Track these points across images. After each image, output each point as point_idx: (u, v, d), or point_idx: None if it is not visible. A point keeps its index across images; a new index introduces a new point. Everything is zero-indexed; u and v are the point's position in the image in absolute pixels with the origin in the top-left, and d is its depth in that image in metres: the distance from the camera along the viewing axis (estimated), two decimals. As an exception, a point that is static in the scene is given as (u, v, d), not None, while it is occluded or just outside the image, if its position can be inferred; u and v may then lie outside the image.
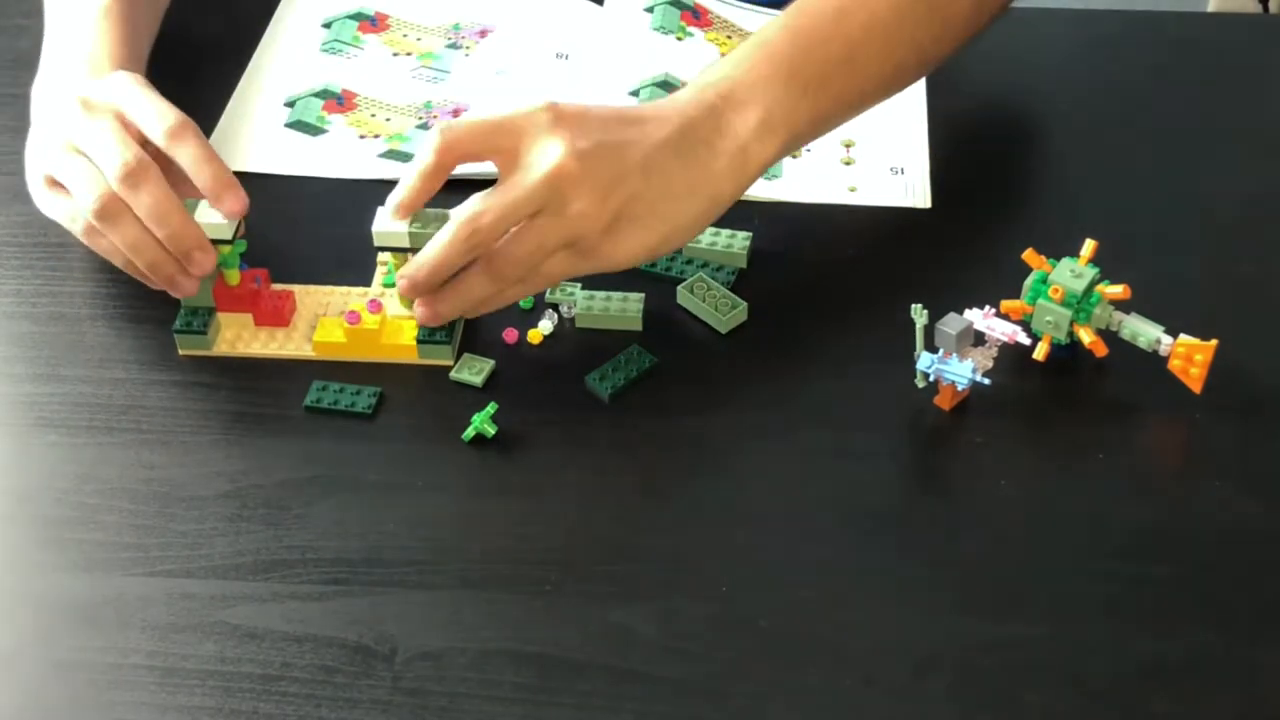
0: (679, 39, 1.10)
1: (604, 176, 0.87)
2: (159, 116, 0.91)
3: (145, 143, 0.91)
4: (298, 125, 1.09)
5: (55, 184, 0.93)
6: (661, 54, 1.11)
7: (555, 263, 0.89)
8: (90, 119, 0.91)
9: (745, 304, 0.94)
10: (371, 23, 1.17)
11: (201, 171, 0.90)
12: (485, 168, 0.99)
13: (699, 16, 1.12)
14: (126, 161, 0.89)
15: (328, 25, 1.17)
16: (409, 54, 1.14)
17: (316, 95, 1.11)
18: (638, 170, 0.88)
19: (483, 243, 0.87)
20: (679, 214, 0.90)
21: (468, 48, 1.14)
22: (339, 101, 1.10)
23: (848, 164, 1.04)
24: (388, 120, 1.09)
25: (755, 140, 0.92)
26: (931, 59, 1.00)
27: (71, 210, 0.92)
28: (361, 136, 1.08)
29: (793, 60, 0.93)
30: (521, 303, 0.94)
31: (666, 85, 1.09)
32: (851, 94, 0.96)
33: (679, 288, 0.95)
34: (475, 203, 0.88)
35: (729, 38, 1.11)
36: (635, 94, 1.09)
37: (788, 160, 1.04)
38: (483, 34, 1.15)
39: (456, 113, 1.09)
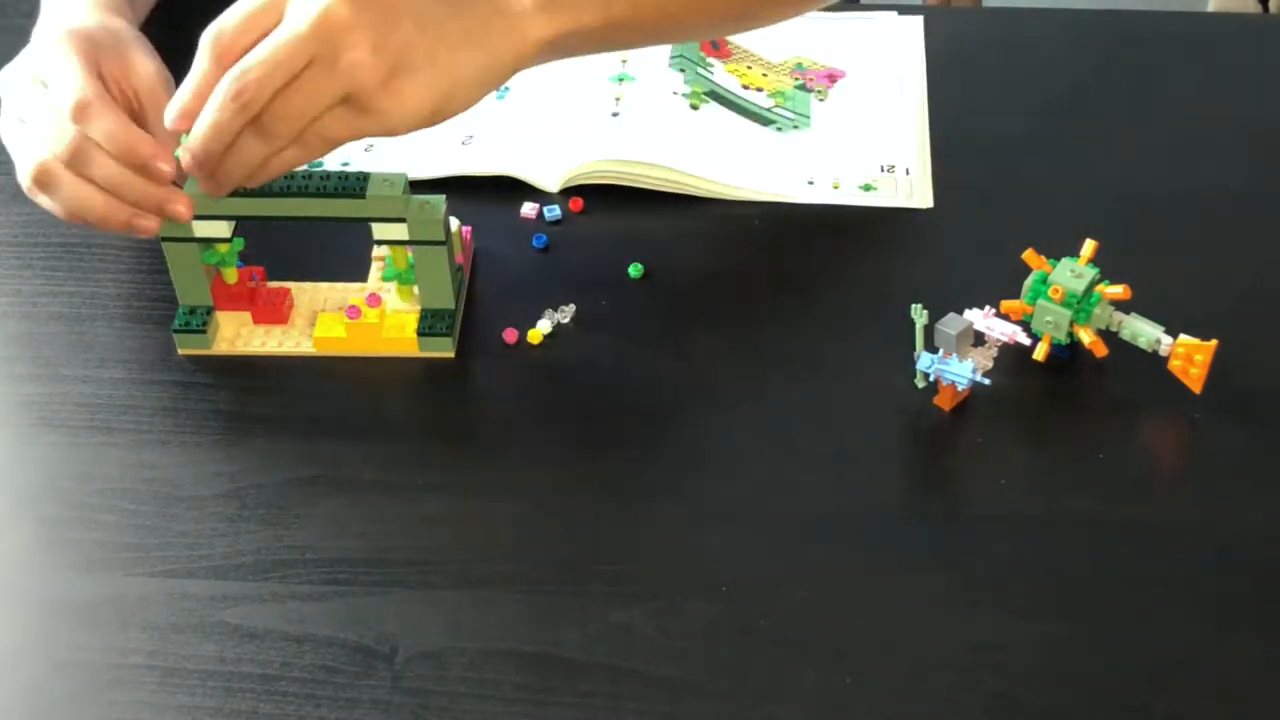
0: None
1: (376, 22, 0.82)
2: (67, 93, 0.87)
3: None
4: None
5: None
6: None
7: (333, 120, 0.83)
8: (28, 94, 0.89)
9: None
10: None
11: (116, 146, 0.86)
12: (495, 165, 0.99)
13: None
14: (41, 160, 0.87)
15: None
16: None
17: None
18: (411, 17, 0.84)
19: (253, 100, 0.81)
20: (459, 66, 0.85)
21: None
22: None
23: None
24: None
25: (537, 11, 0.87)
26: (749, 13, 0.97)
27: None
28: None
29: None
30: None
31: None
32: (650, 7, 0.91)
33: None
34: (242, 59, 0.83)
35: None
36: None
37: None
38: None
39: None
